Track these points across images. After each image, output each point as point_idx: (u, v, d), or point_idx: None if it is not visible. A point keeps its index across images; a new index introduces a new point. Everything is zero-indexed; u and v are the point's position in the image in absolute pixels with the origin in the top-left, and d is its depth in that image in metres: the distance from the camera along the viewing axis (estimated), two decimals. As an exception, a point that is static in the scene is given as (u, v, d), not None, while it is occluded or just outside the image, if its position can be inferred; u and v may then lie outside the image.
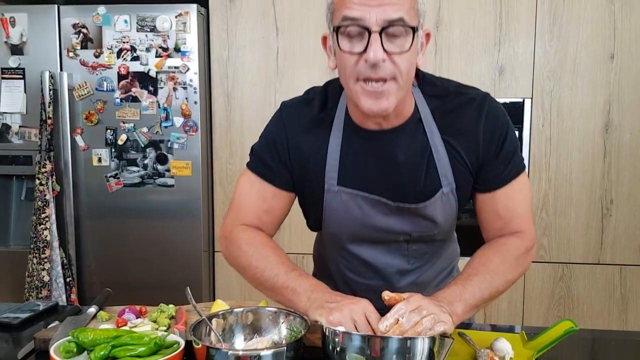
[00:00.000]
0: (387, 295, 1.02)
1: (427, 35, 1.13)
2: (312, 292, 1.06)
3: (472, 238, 1.23)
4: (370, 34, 0.99)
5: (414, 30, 1.02)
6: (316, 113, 1.20)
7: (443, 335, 0.97)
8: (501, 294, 1.14)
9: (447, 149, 1.15)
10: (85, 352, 1.03)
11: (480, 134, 1.14)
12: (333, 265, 1.35)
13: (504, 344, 1.11)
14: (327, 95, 1.22)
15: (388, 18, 0.98)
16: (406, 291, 1.18)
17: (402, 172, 1.16)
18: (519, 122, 2.54)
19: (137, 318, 1.27)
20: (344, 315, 0.97)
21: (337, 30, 1.03)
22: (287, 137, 1.20)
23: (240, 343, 1.09)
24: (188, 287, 1.13)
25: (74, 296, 2.66)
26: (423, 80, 1.19)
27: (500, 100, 2.51)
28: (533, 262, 2.58)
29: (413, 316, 0.95)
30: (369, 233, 1.21)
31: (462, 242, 1.47)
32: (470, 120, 1.14)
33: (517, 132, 2.53)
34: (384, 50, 1.00)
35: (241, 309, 1.13)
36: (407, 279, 1.29)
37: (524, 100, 2.54)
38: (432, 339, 0.93)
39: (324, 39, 1.14)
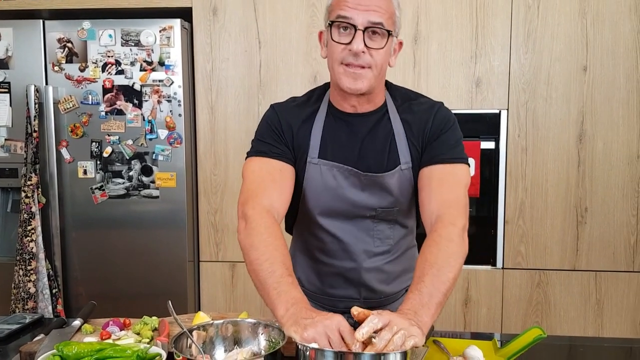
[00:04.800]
0: (356, 310, 1.02)
1: (400, 44, 1.40)
2: (292, 305, 1.07)
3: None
4: (356, 30, 1.27)
5: (390, 33, 1.30)
6: (302, 105, 1.45)
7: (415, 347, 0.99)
8: (455, 280, 1.16)
9: (406, 135, 1.39)
10: (70, 366, 1.07)
11: (430, 122, 1.39)
12: (306, 253, 1.51)
13: (476, 352, 1.15)
14: (313, 95, 1.47)
15: (371, 20, 1.27)
16: (372, 283, 1.46)
17: (371, 150, 1.39)
18: (495, 132, 2.60)
19: (120, 330, 1.29)
20: (318, 332, 0.99)
21: (331, 24, 1.31)
22: (281, 121, 1.41)
23: (220, 354, 1.12)
24: (170, 301, 1.17)
25: (60, 307, 2.67)
26: (391, 87, 1.47)
27: (477, 111, 2.60)
28: (511, 268, 2.67)
29: (385, 334, 0.96)
30: (341, 206, 1.41)
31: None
32: (425, 114, 1.40)
33: (493, 143, 2.61)
34: (365, 45, 1.27)
35: (221, 321, 1.16)
36: (372, 262, 1.46)
37: (500, 112, 2.60)
38: (404, 353, 0.95)
39: (320, 33, 1.41)
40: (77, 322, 1.35)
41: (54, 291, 2.66)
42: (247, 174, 1.38)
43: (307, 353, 0.97)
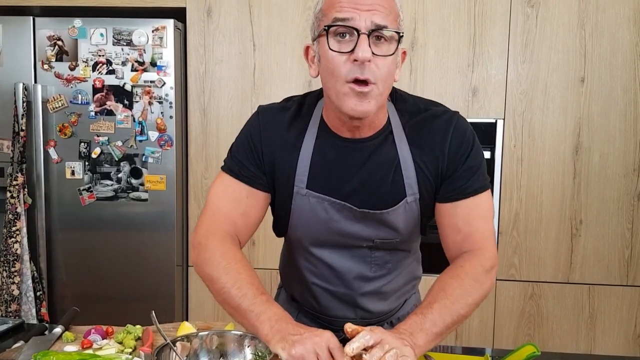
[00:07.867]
0: (349, 327, 0.99)
1: (404, 53, 1.19)
2: (276, 321, 1.02)
3: (436, 255, 1.22)
4: (359, 35, 1.05)
5: (399, 35, 1.09)
6: (291, 119, 1.25)
7: None
8: (465, 318, 1.11)
9: (415, 160, 1.20)
10: (47, 376, 1.03)
11: (446, 147, 1.19)
12: (298, 272, 1.37)
13: (469, 368, 1.13)
14: (304, 104, 1.27)
15: (376, 22, 1.05)
16: (369, 305, 1.31)
17: (370, 180, 1.21)
18: (491, 142, 2.58)
19: (103, 339, 1.26)
20: (307, 349, 0.95)
21: (327, 30, 1.08)
22: (262, 140, 1.24)
23: (204, 367, 1.09)
24: (153, 311, 1.13)
25: (44, 310, 2.62)
26: (396, 96, 1.25)
27: (473, 120, 2.56)
28: (504, 280, 2.63)
29: (376, 352, 0.92)
30: (333, 237, 1.26)
31: (426, 259, 1.50)
32: (438, 133, 1.20)
33: (489, 152, 2.58)
34: (371, 52, 1.06)
35: (206, 332, 1.12)
36: (369, 286, 1.32)
37: (496, 121, 2.58)
38: None
39: (306, 48, 1.20)
40: (58, 330, 1.30)
41: (38, 294, 2.61)
42: (211, 196, 1.26)
43: None
